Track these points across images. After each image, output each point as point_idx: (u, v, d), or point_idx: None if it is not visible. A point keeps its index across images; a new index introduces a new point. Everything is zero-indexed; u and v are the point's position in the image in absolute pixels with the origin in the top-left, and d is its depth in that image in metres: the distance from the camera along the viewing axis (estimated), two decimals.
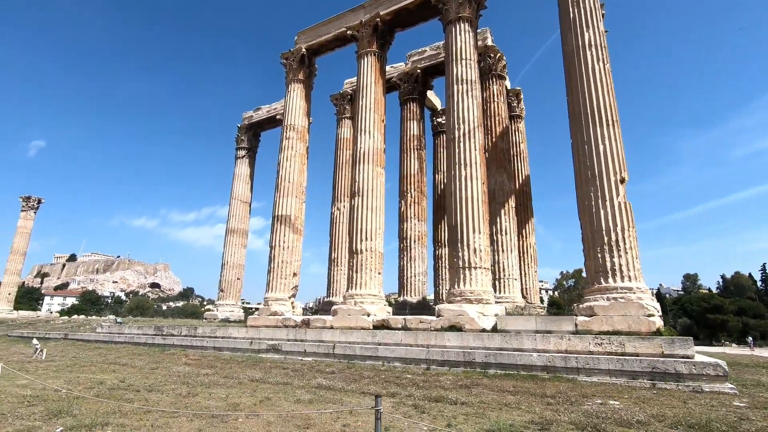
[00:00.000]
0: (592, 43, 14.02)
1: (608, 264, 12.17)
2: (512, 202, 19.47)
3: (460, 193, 15.10)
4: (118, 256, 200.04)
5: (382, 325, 15.25)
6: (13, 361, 13.60)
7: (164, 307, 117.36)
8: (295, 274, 19.21)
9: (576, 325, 11.99)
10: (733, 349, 36.34)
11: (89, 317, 46.24)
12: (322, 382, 9.41)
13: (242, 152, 29.86)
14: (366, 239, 16.93)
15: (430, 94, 25.68)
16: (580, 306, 12.38)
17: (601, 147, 12.98)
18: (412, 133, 22.64)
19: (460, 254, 14.63)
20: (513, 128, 22.62)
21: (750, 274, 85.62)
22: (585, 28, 14.16)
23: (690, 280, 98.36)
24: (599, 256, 12.39)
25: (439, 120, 26.41)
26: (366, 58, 19.20)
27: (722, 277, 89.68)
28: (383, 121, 18.83)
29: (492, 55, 20.85)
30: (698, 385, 9.33)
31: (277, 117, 28.61)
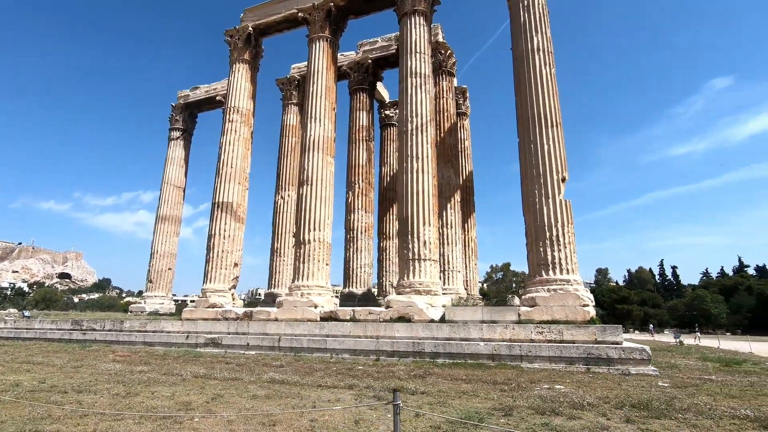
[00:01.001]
0: (541, 47, 14.70)
1: (549, 257, 12.93)
2: (457, 197, 20.04)
3: (411, 186, 15.22)
4: (20, 243, 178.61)
5: (330, 317, 15.01)
6: None
7: (76, 300, 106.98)
8: (236, 264, 18.29)
9: (519, 315, 12.62)
10: (637, 335, 40.62)
11: None
12: (275, 376, 9.04)
13: (176, 133, 27.74)
14: (314, 229, 16.52)
15: (379, 86, 25.57)
16: (523, 297, 13.05)
17: (546, 147, 13.70)
18: (361, 123, 22.42)
19: (410, 246, 14.77)
20: (459, 125, 23.22)
21: (650, 269, 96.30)
22: (534, 33, 14.80)
23: (602, 273, 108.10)
24: (541, 250, 13.12)
25: (387, 112, 26.41)
26: (318, 43, 18.62)
27: (628, 271, 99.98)
28: (334, 109, 18.42)
29: (443, 52, 21.18)
30: (626, 369, 10.24)
31: (217, 98, 26.94)
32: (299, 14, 19.23)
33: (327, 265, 16.78)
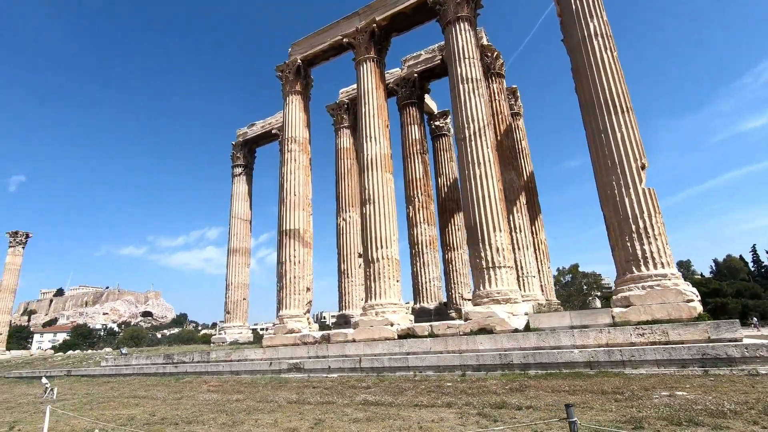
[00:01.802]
0: (598, 32, 13.98)
1: (639, 252, 11.94)
2: (523, 199, 19.27)
3: (476, 192, 14.82)
4: (107, 287, 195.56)
5: (407, 334, 14.78)
6: (24, 403, 12.79)
7: (159, 335, 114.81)
8: (308, 289, 18.65)
9: (613, 317, 11.70)
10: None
11: (85, 351, 44.69)
12: (367, 398, 8.92)
13: (239, 170, 29.29)
14: (382, 247, 16.51)
15: (426, 98, 25.54)
16: (615, 297, 12.10)
17: (618, 135, 12.84)
18: (414, 137, 22.40)
19: (483, 254, 14.29)
20: (514, 126, 22.54)
21: (741, 256, 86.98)
22: (590, 18, 14.13)
23: (683, 267, 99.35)
24: (628, 244, 12.17)
25: (437, 123, 26.27)
26: (365, 65, 18.97)
27: (714, 261, 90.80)
28: (387, 126, 18.55)
29: (489, 54, 20.80)
30: (753, 368, 9.06)
31: (273, 131, 28.18)
32: (344, 40, 19.76)
33: (397, 281, 16.65)
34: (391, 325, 15.17)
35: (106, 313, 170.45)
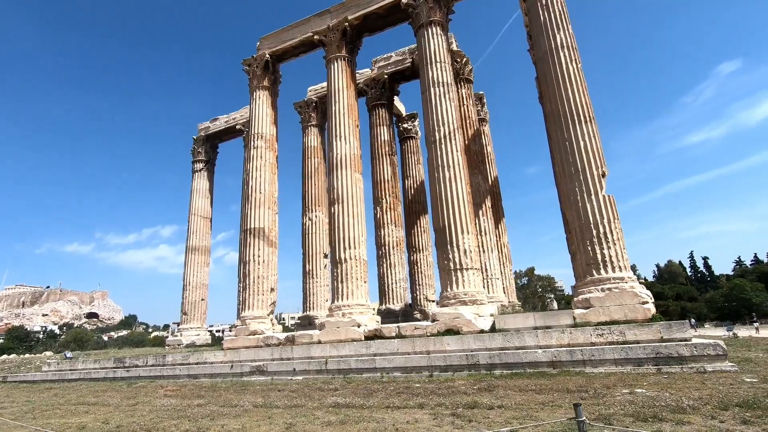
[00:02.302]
0: (564, 44, 14.52)
1: (599, 256, 12.49)
2: (488, 203, 19.71)
3: (445, 195, 14.99)
4: (48, 287, 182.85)
5: (374, 336, 14.70)
6: None
7: (105, 338, 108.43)
8: (272, 290, 18.17)
9: (574, 318, 12.15)
10: None
11: (23, 356, 41.49)
12: (337, 401, 8.76)
13: (200, 165, 28.15)
14: (349, 247, 16.35)
15: (395, 100, 25.63)
16: (576, 299, 12.58)
17: (582, 143, 13.38)
18: (382, 138, 22.41)
19: (450, 256, 14.47)
20: (481, 131, 23.02)
21: (680, 262, 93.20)
22: (556, 30, 14.65)
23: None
24: (589, 249, 12.70)
25: (405, 125, 26.41)
26: (336, 63, 18.77)
27: (657, 266, 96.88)
28: (357, 126, 18.43)
29: (459, 60, 21.16)
30: (701, 366, 9.67)
31: (237, 127, 27.33)
32: (315, 37, 19.47)
33: (365, 282, 16.54)
34: (358, 326, 15.04)
35: (46, 315, 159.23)
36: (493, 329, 12.97)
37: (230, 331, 25.54)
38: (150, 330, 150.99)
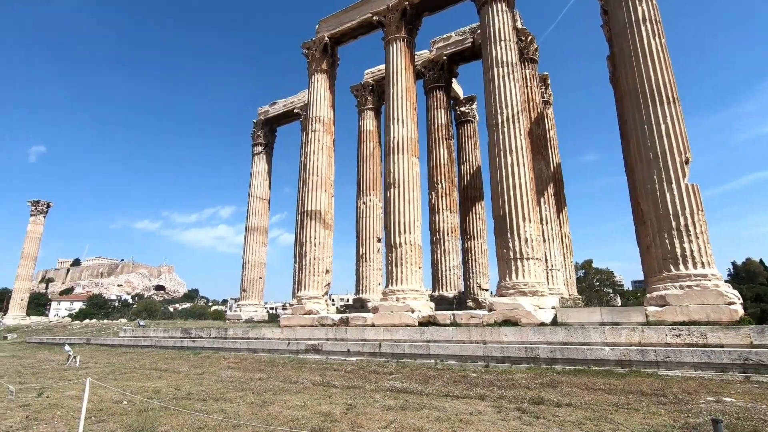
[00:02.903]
0: (647, 17, 13.24)
1: (678, 250, 11.46)
2: (551, 190, 18.75)
3: (506, 181, 14.37)
4: (122, 260, 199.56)
5: (428, 322, 14.57)
6: (48, 369, 12.93)
7: (171, 309, 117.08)
8: (327, 271, 18.51)
9: (647, 315, 11.29)
10: None
11: (102, 321, 45.66)
12: (395, 385, 8.74)
13: (259, 148, 29.08)
14: (405, 232, 16.21)
15: (453, 82, 24.87)
16: (649, 296, 11.67)
17: (662, 126, 12.23)
18: (439, 122, 21.88)
19: (511, 245, 13.91)
20: (544, 114, 21.82)
21: (761, 260, 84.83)
22: (638, 2, 13.36)
23: None
24: (667, 242, 11.67)
25: (463, 109, 25.63)
26: (395, 44, 18.41)
27: (733, 264, 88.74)
28: (415, 109, 18.07)
29: (523, 39, 20.04)
30: None
31: (295, 111, 27.83)
32: (374, 18, 19.18)
33: (419, 268, 16.38)
34: (412, 311, 14.96)
35: (121, 285, 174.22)
36: (554, 322, 12.38)
37: (286, 309, 26.51)
38: (210, 304, 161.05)
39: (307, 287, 18.11)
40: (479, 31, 21.15)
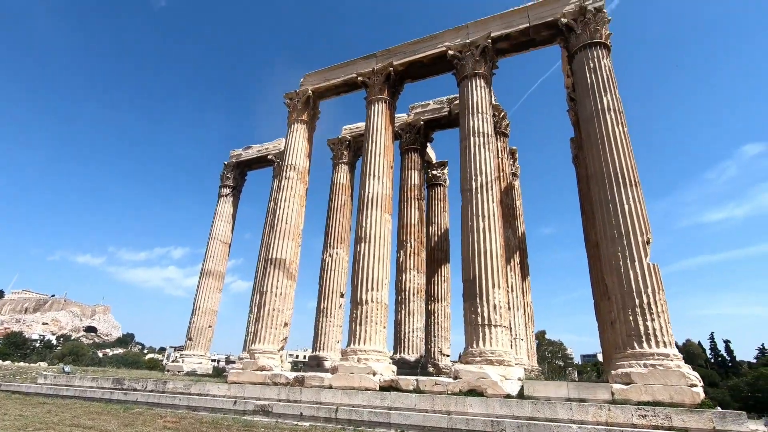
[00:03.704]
0: (611, 107, 14.45)
1: (641, 328, 11.68)
2: (517, 259, 19.11)
3: (478, 246, 14.50)
4: (53, 295, 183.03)
5: (390, 387, 13.78)
6: None
7: (101, 354, 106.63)
8: (286, 324, 17.49)
9: (612, 393, 11.18)
10: None
11: (18, 363, 40.61)
12: None
13: (227, 190, 28.35)
14: (372, 289, 15.78)
15: (428, 147, 25.80)
16: (615, 372, 11.64)
17: (626, 207, 12.94)
18: (413, 182, 22.33)
19: (479, 310, 13.76)
20: (512, 185, 22.80)
21: (699, 343, 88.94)
22: (604, 93, 14.64)
23: None
24: (631, 319, 11.91)
25: (434, 172, 26.42)
26: (376, 105, 19.07)
27: (675, 344, 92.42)
28: (392, 167, 18.41)
29: (496, 113, 21.31)
30: None
31: (269, 157, 27.71)
32: (359, 78, 19.94)
33: (384, 328, 15.80)
34: (374, 374, 14.17)
35: (46, 323, 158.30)
36: (521, 395, 12.01)
37: (232, 362, 24.58)
38: (146, 351, 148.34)
39: (263, 340, 16.94)
40: (456, 102, 22.44)
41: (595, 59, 15.27)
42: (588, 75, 15.24)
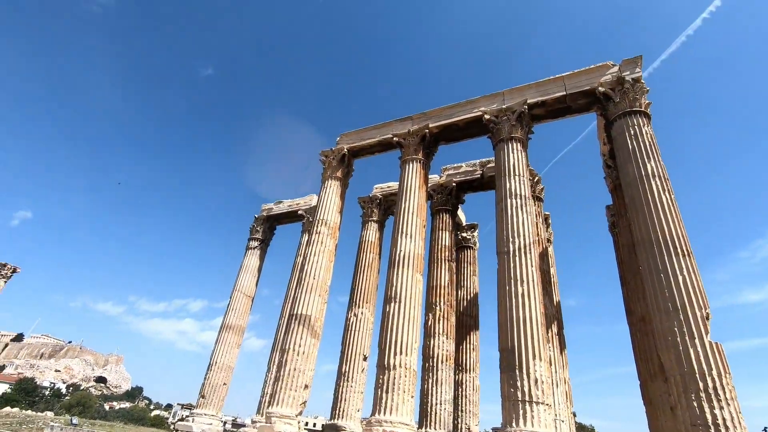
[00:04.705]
0: (656, 173, 14.04)
1: (708, 416, 10.32)
2: (554, 329, 17.89)
3: (516, 312, 13.62)
4: (69, 342, 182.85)
5: None
6: None
7: (107, 407, 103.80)
8: (306, 386, 16.47)
9: None
10: None
11: (25, 411, 39.52)
12: None
13: (255, 243, 28.46)
14: (400, 353, 14.84)
15: (459, 208, 25.64)
16: None
17: (680, 278, 12.06)
18: (443, 243, 21.86)
19: (519, 384, 12.58)
20: (547, 251, 22.04)
21: None
22: (647, 159, 14.32)
23: None
24: (695, 404, 10.59)
25: (464, 235, 25.96)
26: (411, 164, 19.25)
27: None
28: (424, 227, 18.15)
29: (531, 178, 21.12)
30: None
31: (299, 212, 27.99)
32: (394, 138, 20.38)
33: (412, 397, 14.64)
34: None
35: (59, 371, 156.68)
36: None
37: (243, 425, 23.12)
38: (152, 407, 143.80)
39: (281, 403, 15.88)
40: (489, 165, 22.53)
41: (636, 126, 15.17)
42: (629, 142, 15.05)
